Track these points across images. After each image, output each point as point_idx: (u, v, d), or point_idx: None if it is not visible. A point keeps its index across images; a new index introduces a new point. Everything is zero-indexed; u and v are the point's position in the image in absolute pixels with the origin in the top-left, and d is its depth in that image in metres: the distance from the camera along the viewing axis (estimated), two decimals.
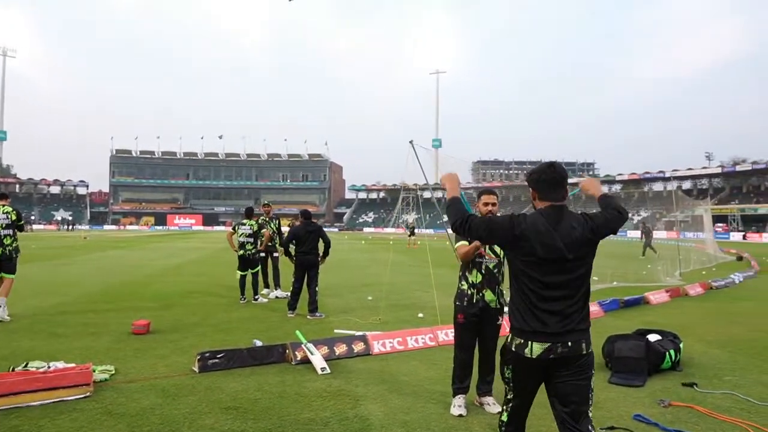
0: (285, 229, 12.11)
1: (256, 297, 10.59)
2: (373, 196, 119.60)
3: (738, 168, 77.31)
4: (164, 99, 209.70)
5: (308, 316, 8.93)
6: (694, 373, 5.88)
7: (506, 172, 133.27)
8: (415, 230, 37.08)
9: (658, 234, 42.93)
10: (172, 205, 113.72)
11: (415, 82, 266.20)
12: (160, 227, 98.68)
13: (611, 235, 3.07)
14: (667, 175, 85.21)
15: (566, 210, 2.92)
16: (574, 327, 2.83)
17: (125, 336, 7.27)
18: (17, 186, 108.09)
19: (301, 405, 4.65)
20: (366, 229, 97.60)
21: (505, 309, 4.59)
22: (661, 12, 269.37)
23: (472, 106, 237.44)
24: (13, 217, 8.51)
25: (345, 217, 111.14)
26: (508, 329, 3.04)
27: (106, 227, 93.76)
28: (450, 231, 4.87)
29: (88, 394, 4.77)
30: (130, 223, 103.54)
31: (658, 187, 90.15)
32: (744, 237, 57.01)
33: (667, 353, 5.96)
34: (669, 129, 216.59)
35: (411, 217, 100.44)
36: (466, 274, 4.75)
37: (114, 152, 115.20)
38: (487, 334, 4.74)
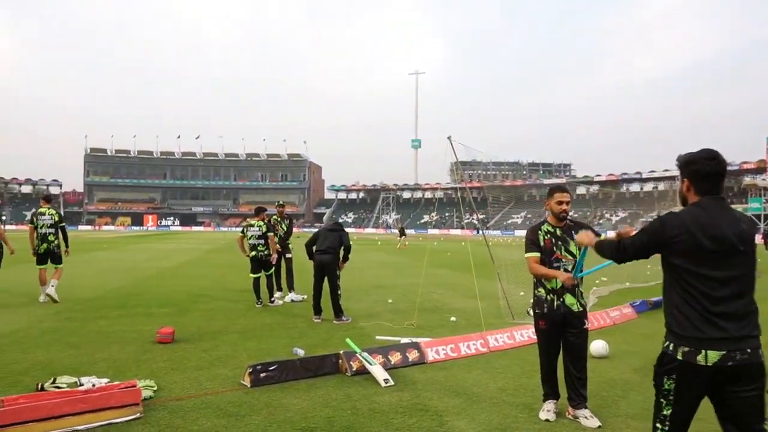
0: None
1: (272, 300, 10.07)
2: (353, 196, 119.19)
3: None
4: (141, 98, 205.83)
5: (335, 321, 8.46)
6: None
7: (484, 172, 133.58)
8: (405, 231, 36.67)
9: None
10: (149, 205, 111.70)
11: (394, 83, 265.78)
12: (137, 227, 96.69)
13: None
14: (644, 176, 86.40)
15: (727, 203, 2.66)
16: (751, 332, 2.52)
17: (150, 345, 6.71)
18: None
19: (380, 423, 4.19)
20: (346, 230, 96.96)
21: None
22: (639, 12, 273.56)
23: (449, 108, 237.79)
24: None
25: (324, 217, 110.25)
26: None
27: (81, 228, 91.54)
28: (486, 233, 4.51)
29: (138, 415, 4.24)
30: (106, 224, 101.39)
31: (635, 188, 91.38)
32: None
33: None
34: (645, 131, 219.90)
35: (392, 218, 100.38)
36: (543, 280, 4.38)
37: (88, 151, 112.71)
38: (573, 341, 4.36)
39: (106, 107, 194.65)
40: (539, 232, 4.43)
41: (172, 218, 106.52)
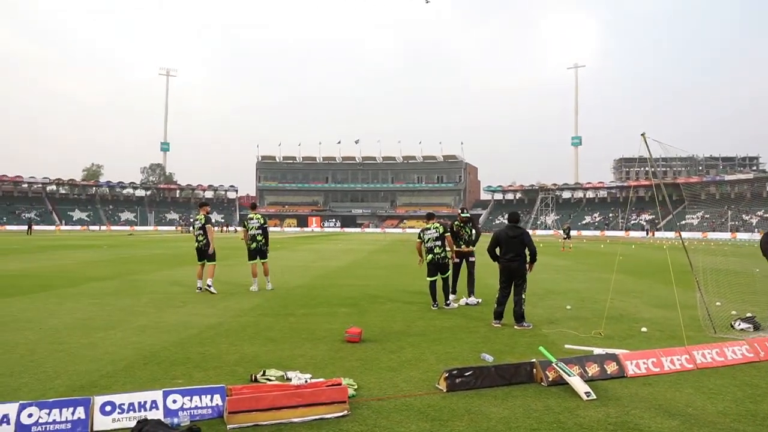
0: None
1: (447, 302, 10.10)
2: (509, 197, 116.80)
3: None
4: (304, 107, 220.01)
5: (515, 327, 8.25)
6: None
7: (652, 170, 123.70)
8: (570, 233, 35.10)
9: None
10: (313, 207, 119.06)
11: (549, 79, 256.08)
12: (305, 228, 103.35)
13: None
14: None
15: None
16: None
17: (339, 344, 7.03)
18: (178, 192, 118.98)
19: None
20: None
21: None
22: None
23: (610, 103, 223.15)
24: (203, 221, 12.46)
25: (481, 218, 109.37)
26: None
27: None
28: None
29: (345, 412, 4.43)
30: (275, 225, 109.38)
31: None
32: None
33: None
34: None
35: (551, 219, 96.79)
36: None
37: (260, 159, 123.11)
38: None
39: (275, 118, 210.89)
40: None
41: (333, 220, 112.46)
